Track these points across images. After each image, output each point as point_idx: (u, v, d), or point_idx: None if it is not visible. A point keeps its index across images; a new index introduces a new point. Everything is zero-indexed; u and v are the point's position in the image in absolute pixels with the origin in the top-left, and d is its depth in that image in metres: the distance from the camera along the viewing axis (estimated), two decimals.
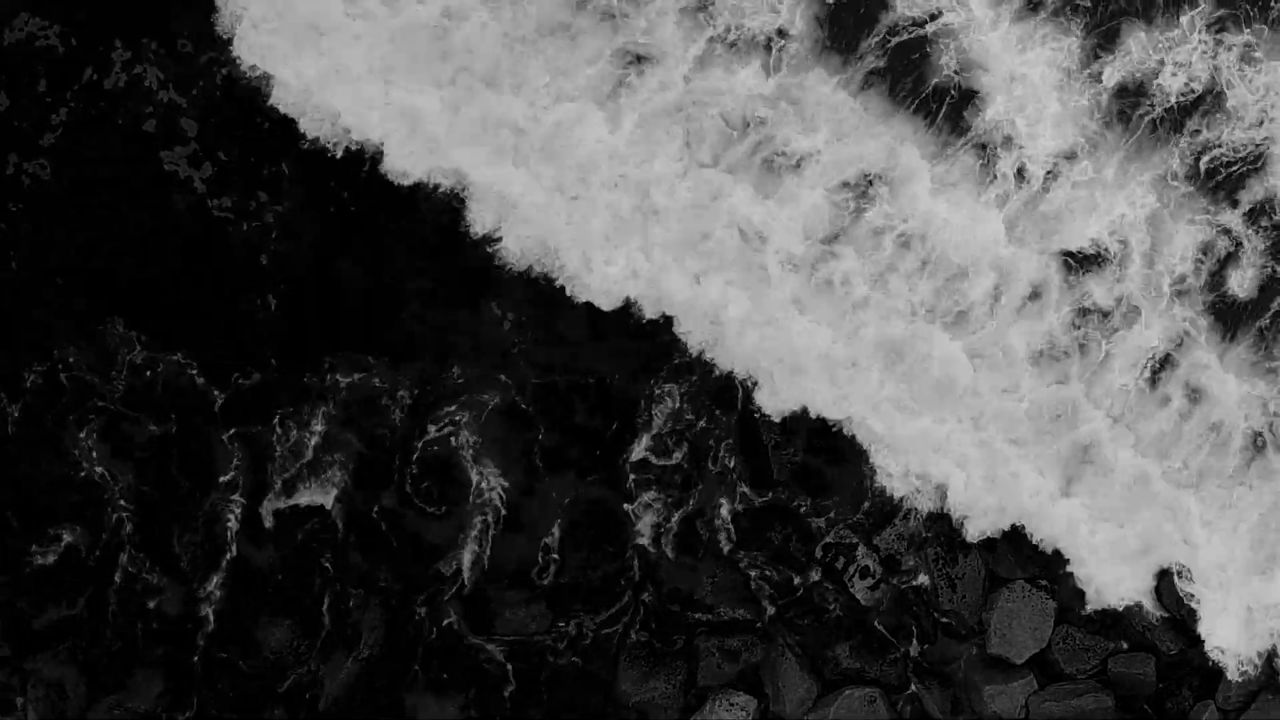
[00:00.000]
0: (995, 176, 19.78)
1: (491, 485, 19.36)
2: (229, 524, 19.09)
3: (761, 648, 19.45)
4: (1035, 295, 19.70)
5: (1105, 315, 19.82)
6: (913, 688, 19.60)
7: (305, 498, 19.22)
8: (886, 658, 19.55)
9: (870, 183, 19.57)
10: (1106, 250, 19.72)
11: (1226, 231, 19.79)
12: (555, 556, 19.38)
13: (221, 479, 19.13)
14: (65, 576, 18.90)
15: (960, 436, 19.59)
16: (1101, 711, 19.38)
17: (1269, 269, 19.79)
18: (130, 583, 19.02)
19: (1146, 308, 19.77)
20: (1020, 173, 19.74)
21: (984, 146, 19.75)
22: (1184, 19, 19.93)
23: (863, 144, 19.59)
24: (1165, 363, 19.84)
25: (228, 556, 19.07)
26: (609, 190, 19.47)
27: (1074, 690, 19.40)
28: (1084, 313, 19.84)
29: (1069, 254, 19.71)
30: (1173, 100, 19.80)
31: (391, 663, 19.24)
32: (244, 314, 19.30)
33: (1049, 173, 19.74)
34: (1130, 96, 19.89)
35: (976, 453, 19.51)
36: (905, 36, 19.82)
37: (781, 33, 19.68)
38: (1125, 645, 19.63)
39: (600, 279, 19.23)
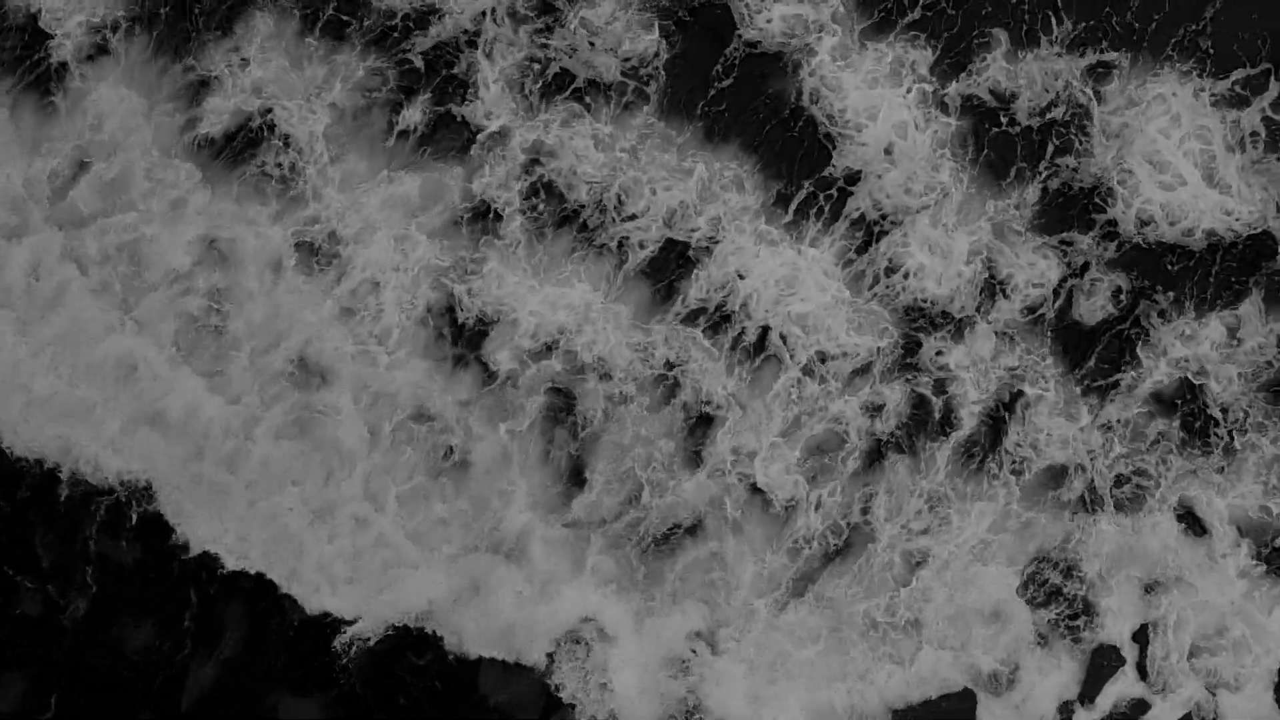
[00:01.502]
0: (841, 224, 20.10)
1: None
2: (90, 524, 19.24)
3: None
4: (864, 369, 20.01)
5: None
6: None
7: None
8: None
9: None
10: (954, 308, 19.95)
11: (1067, 245, 20.11)
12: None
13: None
14: None
15: None
16: (963, 713, 19.59)
17: (1117, 296, 20.07)
18: None
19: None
20: (863, 219, 20.10)
21: (829, 187, 20.12)
22: (1045, 42, 20.25)
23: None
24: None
25: (90, 556, 19.21)
26: None
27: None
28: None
29: (913, 309, 20.05)
30: (1030, 124, 20.22)
31: (254, 661, 19.31)
32: None
33: (898, 216, 20.14)
34: (986, 121, 20.25)
35: None
36: (755, 51, 20.29)
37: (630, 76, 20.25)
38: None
39: None
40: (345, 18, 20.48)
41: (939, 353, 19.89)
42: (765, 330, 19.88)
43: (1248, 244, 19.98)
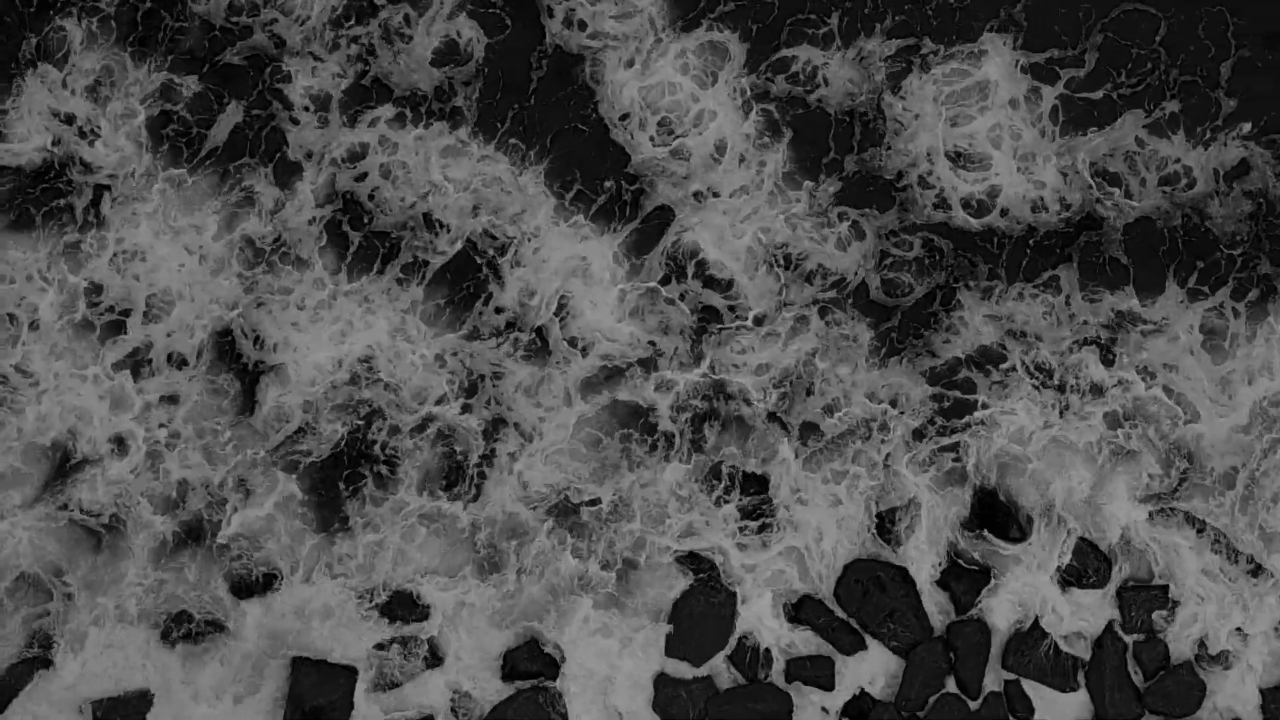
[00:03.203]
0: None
1: None
2: None
3: (436, 654, 19.68)
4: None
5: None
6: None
7: None
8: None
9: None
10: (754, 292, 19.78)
11: (875, 226, 19.84)
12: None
13: None
14: None
15: None
16: (780, 714, 19.35)
17: (929, 271, 19.75)
18: None
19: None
20: (662, 213, 19.99)
21: (633, 184, 20.04)
22: (860, 31, 19.96)
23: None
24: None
25: None
26: None
27: (752, 693, 19.39)
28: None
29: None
30: (841, 113, 19.98)
31: None
32: None
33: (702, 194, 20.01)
34: (796, 111, 20.00)
35: None
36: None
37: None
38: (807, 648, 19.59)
39: None
40: (164, 15, 20.54)
41: (738, 336, 19.76)
42: (560, 331, 19.87)
43: (1061, 221, 19.60)
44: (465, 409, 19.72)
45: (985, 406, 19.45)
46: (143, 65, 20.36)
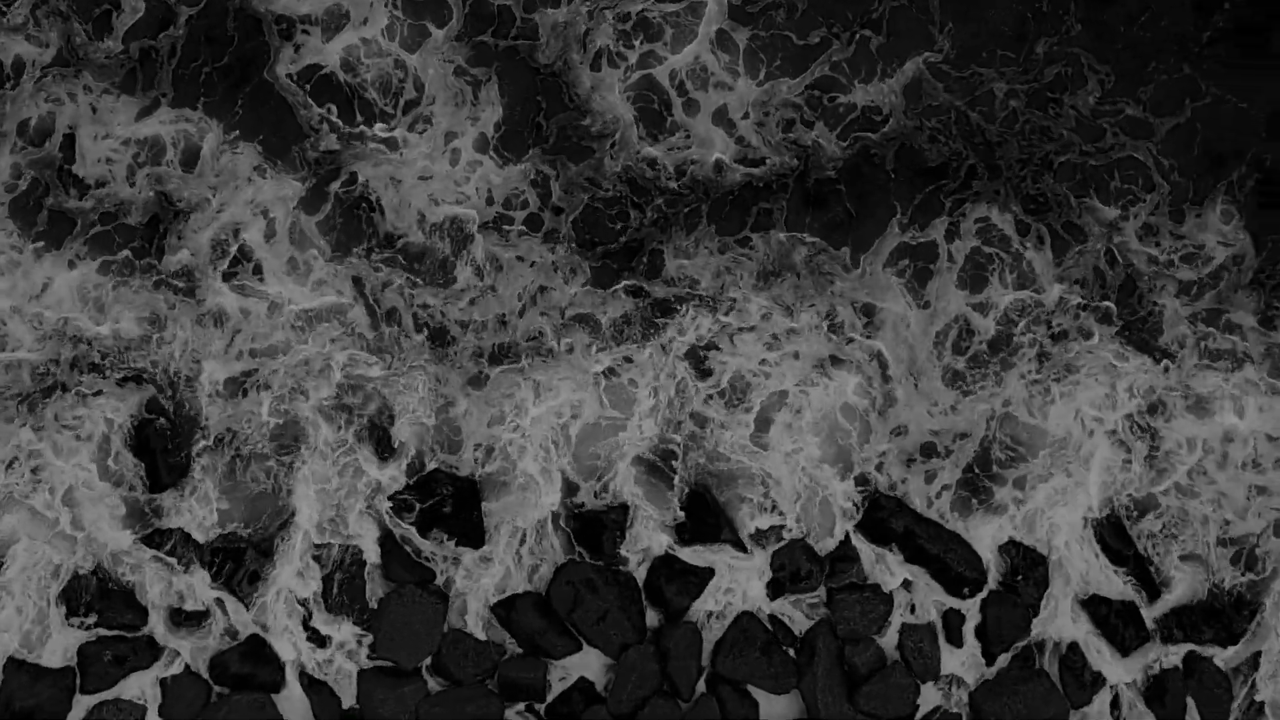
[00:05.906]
0: None
1: None
2: None
3: (150, 654, 19.26)
4: None
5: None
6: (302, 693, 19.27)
7: None
8: (278, 664, 19.21)
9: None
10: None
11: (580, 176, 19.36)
12: None
13: None
14: None
15: None
16: (491, 716, 18.88)
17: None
18: None
19: None
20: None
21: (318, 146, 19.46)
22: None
23: None
24: None
25: None
26: None
27: (463, 695, 18.91)
28: None
29: None
30: (548, 68, 19.23)
31: None
32: None
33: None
34: (502, 65, 19.39)
35: None
36: None
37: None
38: (518, 650, 19.01)
39: None
40: None
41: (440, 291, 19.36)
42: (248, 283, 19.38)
43: (767, 170, 19.13)
44: (162, 370, 19.27)
45: (695, 347, 19.14)
46: None
